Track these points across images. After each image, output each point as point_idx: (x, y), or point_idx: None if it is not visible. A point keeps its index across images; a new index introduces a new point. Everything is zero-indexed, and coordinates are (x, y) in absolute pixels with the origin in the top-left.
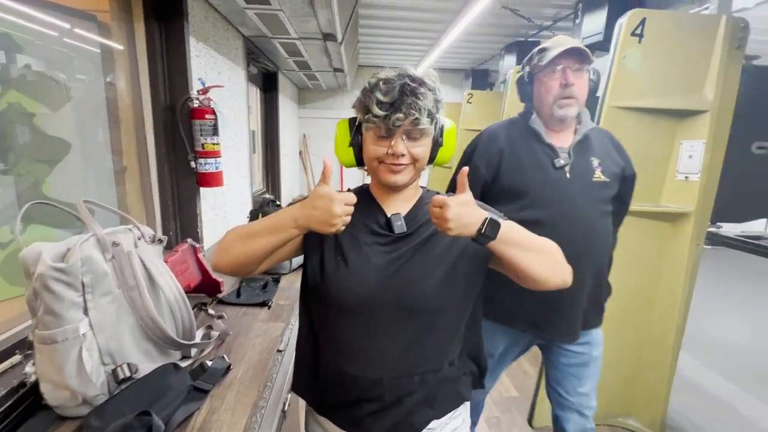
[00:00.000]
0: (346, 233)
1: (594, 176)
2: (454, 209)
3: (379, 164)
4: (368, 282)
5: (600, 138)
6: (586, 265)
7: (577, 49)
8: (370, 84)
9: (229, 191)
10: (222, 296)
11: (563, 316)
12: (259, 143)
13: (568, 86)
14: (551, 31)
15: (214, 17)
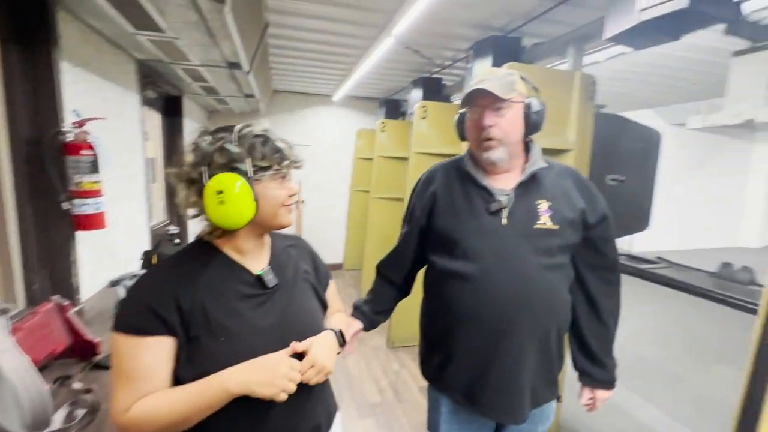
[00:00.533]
0: (220, 309)
1: (537, 222)
2: (322, 360)
3: (282, 208)
4: (270, 343)
5: (558, 177)
6: (527, 330)
7: (481, 90)
8: (250, 136)
9: (118, 229)
10: (100, 359)
11: (502, 393)
12: (160, 171)
13: (484, 128)
14: (450, 70)
15: (98, 41)
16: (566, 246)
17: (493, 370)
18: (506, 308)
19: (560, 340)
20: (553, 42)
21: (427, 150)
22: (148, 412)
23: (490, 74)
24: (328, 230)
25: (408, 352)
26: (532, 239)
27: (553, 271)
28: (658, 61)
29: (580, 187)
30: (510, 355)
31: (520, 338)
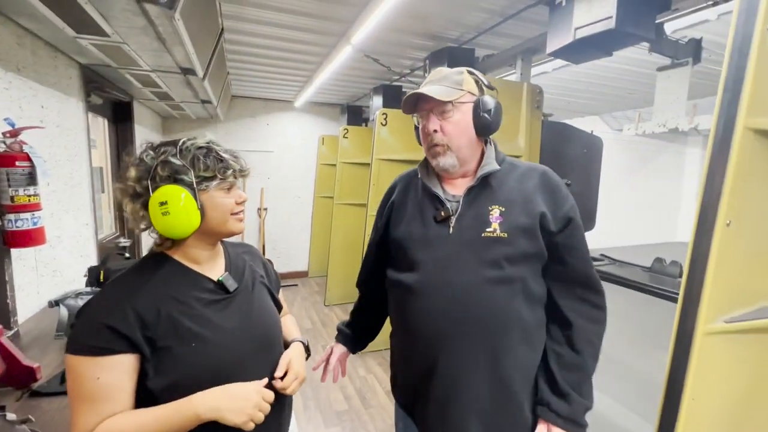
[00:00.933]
0: (186, 316)
1: (486, 230)
2: (301, 371)
3: (232, 216)
4: (238, 343)
5: (520, 179)
6: (466, 348)
7: (418, 95)
8: (194, 148)
9: (61, 245)
10: (38, 385)
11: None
12: (108, 181)
13: (428, 134)
14: (409, 78)
15: (34, 44)
16: (518, 256)
17: (430, 387)
18: (442, 322)
19: (514, 361)
20: (503, 54)
21: (388, 156)
22: (116, 430)
23: (437, 74)
24: (292, 237)
25: (374, 357)
26: (479, 249)
27: (500, 285)
28: (599, 73)
29: (545, 189)
30: (447, 373)
31: (459, 356)
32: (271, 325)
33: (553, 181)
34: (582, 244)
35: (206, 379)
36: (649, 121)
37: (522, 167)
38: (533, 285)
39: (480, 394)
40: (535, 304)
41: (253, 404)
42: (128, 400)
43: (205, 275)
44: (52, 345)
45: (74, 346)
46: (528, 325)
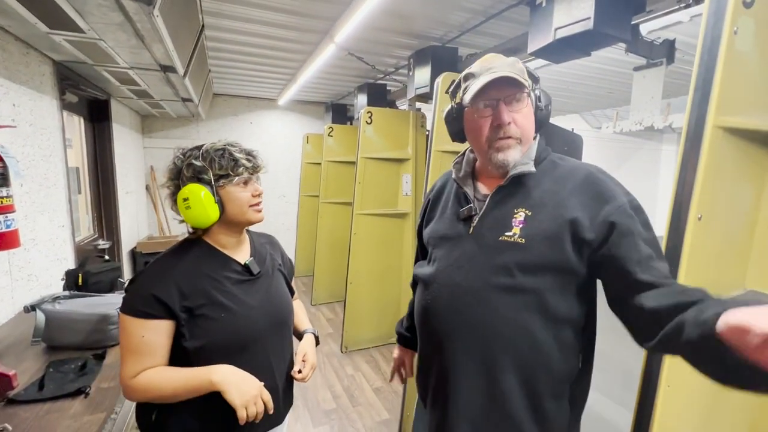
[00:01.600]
0: (219, 292)
1: (505, 234)
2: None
3: (249, 207)
4: (258, 318)
5: (558, 180)
6: (461, 350)
7: (509, 78)
8: (212, 151)
9: (36, 248)
10: (15, 394)
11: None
12: (86, 182)
13: (502, 126)
14: (394, 77)
15: (4, 39)
16: (535, 265)
17: (431, 379)
18: (441, 321)
19: (530, 393)
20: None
21: (373, 155)
22: (149, 382)
23: (496, 60)
24: (279, 236)
25: (362, 356)
26: (493, 253)
27: (507, 294)
28: (579, 72)
29: (585, 191)
30: (443, 371)
31: (453, 359)
32: (285, 306)
33: (597, 181)
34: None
35: (231, 345)
36: (626, 119)
37: (566, 166)
38: (554, 300)
39: (473, 402)
40: (557, 324)
41: (253, 395)
42: (165, 356)
43: (234, 258)
44: (29, 351)
45: (126, 308)
46: (541, 345)
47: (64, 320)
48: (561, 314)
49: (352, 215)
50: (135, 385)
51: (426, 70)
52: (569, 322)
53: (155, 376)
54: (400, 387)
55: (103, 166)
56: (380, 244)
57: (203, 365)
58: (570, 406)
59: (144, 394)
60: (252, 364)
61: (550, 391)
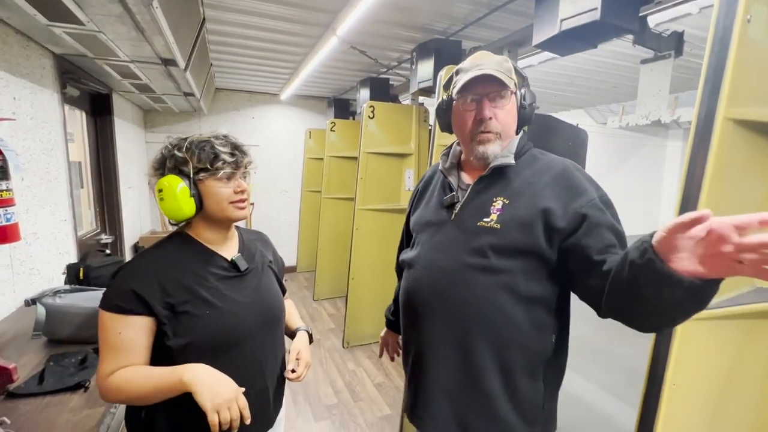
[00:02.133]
0: (203, 288)
1: (483, 220)
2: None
3: (229, 204)
4: (247, 315)
5: (536, 172)
6: (438, 326)
7: (492, 77)
8: (195, 142)
9: (37, 242)
10: (14, 387)
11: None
12: (87, 176)
13: (483, 120)
14: (396, 71)
15: (4, 31)
16: (508, 249)
17: (410, 356)
18: (422, 299)
19: (504, 370)
20: (490, 46)
21: (376, 149)
22: (122, 382)
23: (487, 57)
24: (281, 232)
25: (363, 351)
26: (470, 237)
27: (482, 274)
28: (584, 66)
29: (560, 183)
30: (421, 346)
31: (431, 333)
32: (276, 303)
33: (572, 175)
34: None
35: (217, 344)
36: (632, 113)
37: (543, 160)
38: (524, 281)
39: (448, 377)
40: (530, 303)
41: (227, 398)
42: (144, 355)
43: (220, 254)
44: (29, 345)
45: (105, 303)
46: (515, 323)
47: (64, 314)
48: (532, 294)
49: (354, 210)
50: (108, 384)
51: (429, 63)
52: (541, 302)
53: (128, 375)
54: (401, 382)
55: (105, 160)
56: (382, 240)
57: None
58: (544, 386)
59: (117, 395)
60: (241, 363)
61: (523, 369)
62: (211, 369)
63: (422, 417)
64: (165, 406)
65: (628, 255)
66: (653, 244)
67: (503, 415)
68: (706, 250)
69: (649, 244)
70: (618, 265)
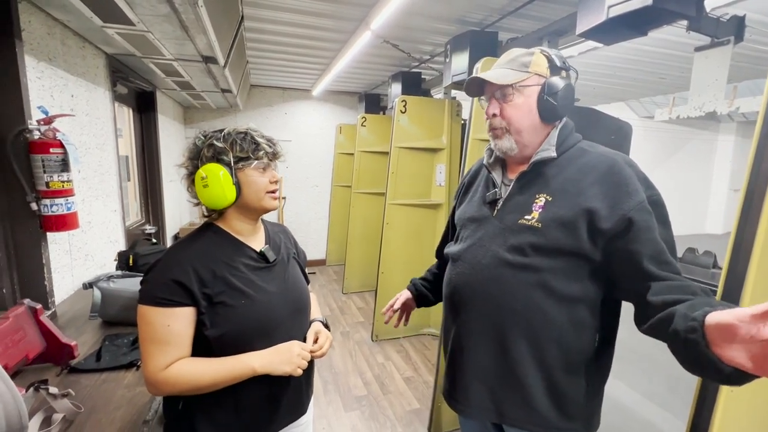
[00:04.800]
0: (236, 278)
1: (524, 217)
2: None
3: (266, 194)
4: (278, 304)
5: (582, 168)
6: (474, 320)
7: (476, 79)
8: (234, 133)
9: (92, 230)
10: (76, 362)
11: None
12: (134, 170)
13: (488, 118)
14: (429, 65)
15: (63, 33)
16: (549, 248)
17: (450, 343)
18: (462, 292)
19: (542, 364)
20: (528, 37)
21: (407, 144)
22: (184, 372)
23: (507, 56)
24: (311, 226)
25: (392, 345)
26: (511, 234)
27: (520, 272)
28: (628, 56)
29: (607, 181)
30: (459, 335)
31: (469, 325)
32: (303, 293)
33: (621, 172)
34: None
35: (253, 333)
36: (683, 105)
37: (592, 155)
38: (563, 281)
39: (485, 366)
40: (567, 303)
41: (296, 354)
42: (189, 345)
43: (249, 245)
44: (87, 325)
45: (147, 298)
46: (551, 321)
47: (117, 297)
48: (572, 293)
49: (385, 205)
50: (167, 377)
51: (464, 56)
52: (582, 301)
53: (188, 368)
54: (430, 378)
55: (149, 155)
56: (412, 235)
57: (226, 354)
58: (586, 383)
59: (174, 387)
60: None
61: (562, 366)
62: (269, 350)
63: (460, 401)
64: (201, 398)
65: (674, 320)
66: (705, 324)
67: (540, 408)
68: (764, 350)
69: (700, 324)
70: (663, 317)
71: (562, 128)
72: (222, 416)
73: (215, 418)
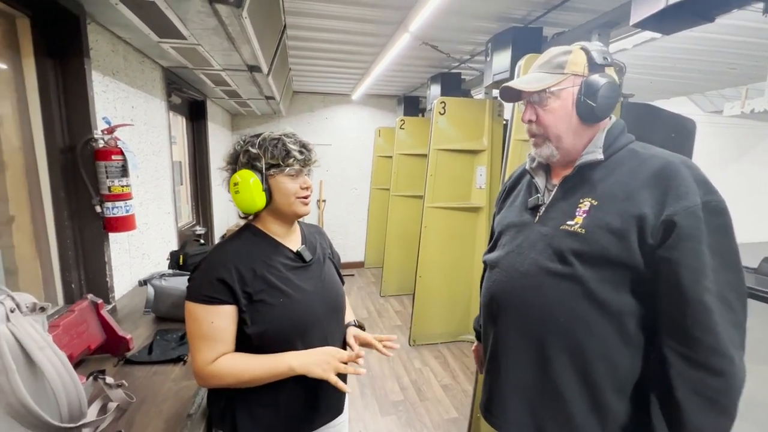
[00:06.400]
0: (275, 277)
1: (568, 223)
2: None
3: (296, 199)
4: (315, 303)
5: (632, 172)
6: (512, 329)
7: (504, 89)
8: (268, 140)
9: (148, 230)
10: (131, 354)
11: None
12: (186, 174)
13: (524, 124)
14: (469, 64)
15: (125, 50)
16: (592, 256)
17: (487, 352)
18: (500, 300)
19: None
20: (576, 31)
21: (446, 146)
22: (228, 367)
23: (542, 57)
24: (350, 228)
25: (430, 350)
26: (552, 240)
27: (564, 281)
28: (690, 46)
29: (658, 184)
30: (498, 347)
31: (507, 335)
32: (338, 293)
33: (673, 172)
34: (692, 264)
35: (290, 330)
36: (759, 97)
37: (643, 156)
38: (610, 292)
39: (525, 381)
40: (615, 316)
41: (334, 358)
42: (233, 341)
43: (286, 246)
44: (142, 319)
45: (193, 295)
46: (598, 335)
47: (168, 294)
48: (620, 306)
49: (423, 208)
50: (213, 371)
51: (506, 54)
52: (633, 315)
53: (233, 363)
54: (469, 386)
55: (200, 160)
56: (451, 239)
57: (266, 351)
58: (637, 406)
59: (221, 380)
60: None
61: (609, 384)
62: (309, 351)
63: (497, 415)
64: (243, 396)
65: None
66: None
67: (585, 428)
68: None
69: None
70: None
71: (611, 129)
72: (262, 414)
73: (256, 416)
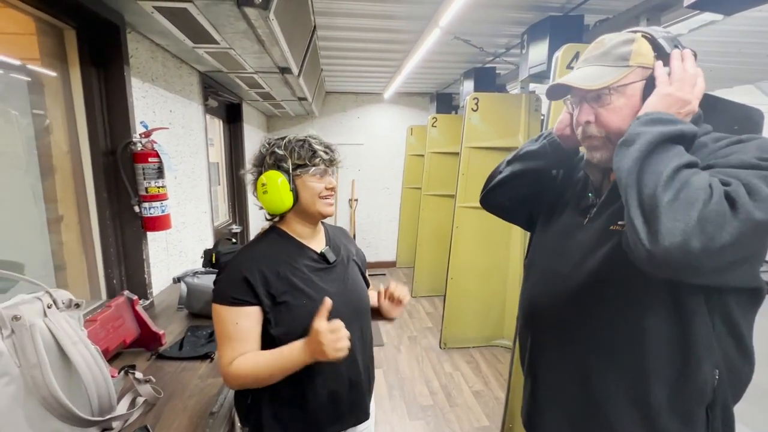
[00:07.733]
0: (298, 278)
1: (618, 222)
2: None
3: (320, 199)
4: (338, 305)
5: None
6: (548, 338)
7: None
8: (294, 141)
9: (185, 229)
10: (163, 349)
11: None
12: (223, 175)
13: (579, 125)
14: (504, 58)
15: (164, 57)
16: None
17: (526, 354)
18: (536, 304)
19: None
20: (621, 17)
21: (479, 144)
22: (244, 365)
23: (596, 48)
24: (381, 227)
25: (461, 354)
26: (600, 241)
27: (609, 287)
28: (757, 28)
29: None
30: (534, 356)
31: (543, 344)
32: (362, 294)
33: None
34: None
35: None
36: None
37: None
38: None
39: (565, 394)
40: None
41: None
42: (258, 342)
43: (310, 247)
44: (175, 316)
45: (219, 297)
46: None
47: (200, 292)
48: (679, 315)
49: (455, 208)
50: (231, 371)
51: (543, 45)
52: (692, 328)
53: (247, 360)
54: (502, 393)
55: (236, 161)
56: (485, 240)
57: None
58: (695, 426)
59: (239, 380)
60: None
61: (668, 408)
62: (303, 341)
63: (535, 426)
64: (268, 394)
65: None
66: None
67: None
68: None
69: None
70: None
71: None
72: (286, 412)
73: (280, 414)
